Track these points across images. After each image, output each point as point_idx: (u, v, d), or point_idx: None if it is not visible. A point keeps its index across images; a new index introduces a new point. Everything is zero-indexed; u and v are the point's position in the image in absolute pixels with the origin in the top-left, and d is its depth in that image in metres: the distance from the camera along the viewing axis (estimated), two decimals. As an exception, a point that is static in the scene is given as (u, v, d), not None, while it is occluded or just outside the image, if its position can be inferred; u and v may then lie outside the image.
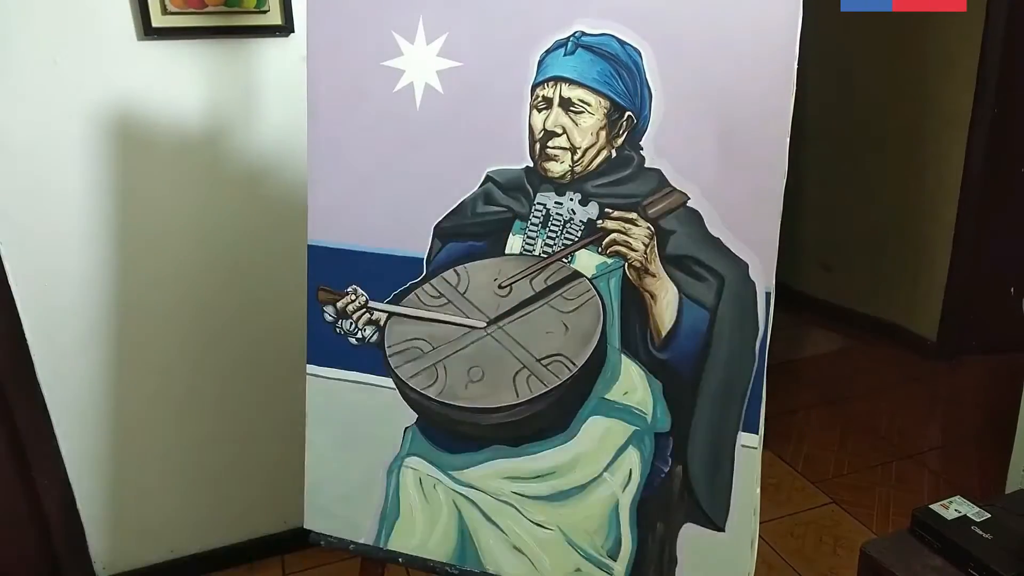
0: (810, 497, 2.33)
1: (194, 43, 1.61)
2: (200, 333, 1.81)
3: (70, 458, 1.80)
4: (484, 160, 1.08)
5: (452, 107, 1.06)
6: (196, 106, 1.65)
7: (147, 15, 1.55)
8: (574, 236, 1.06)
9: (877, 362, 3.22)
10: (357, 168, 1.15)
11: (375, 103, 1.08)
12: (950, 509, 1.18)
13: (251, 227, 1.77)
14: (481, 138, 1.07)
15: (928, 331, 3.19)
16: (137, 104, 1.62)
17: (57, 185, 1.62)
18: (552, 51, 1.03)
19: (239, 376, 1.84)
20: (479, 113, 1.06)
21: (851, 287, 3.52)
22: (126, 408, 1.80)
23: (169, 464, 1.86)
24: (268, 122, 1.71)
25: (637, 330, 1.06)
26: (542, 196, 1.06)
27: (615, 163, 1.04)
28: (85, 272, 1.69)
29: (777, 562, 2.05)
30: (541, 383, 1.08)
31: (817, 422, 2.74)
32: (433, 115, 1.07)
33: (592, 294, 1.07)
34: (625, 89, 1.02)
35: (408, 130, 1.10)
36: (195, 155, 1.69)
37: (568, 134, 1.04)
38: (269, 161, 1.73)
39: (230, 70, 1.66)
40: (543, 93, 1.04)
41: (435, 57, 1.05)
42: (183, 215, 1.72)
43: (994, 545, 1.11)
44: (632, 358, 1.07)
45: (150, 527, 1.91)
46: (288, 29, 1.65)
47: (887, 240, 3.33)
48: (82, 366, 1.75)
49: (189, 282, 1.77)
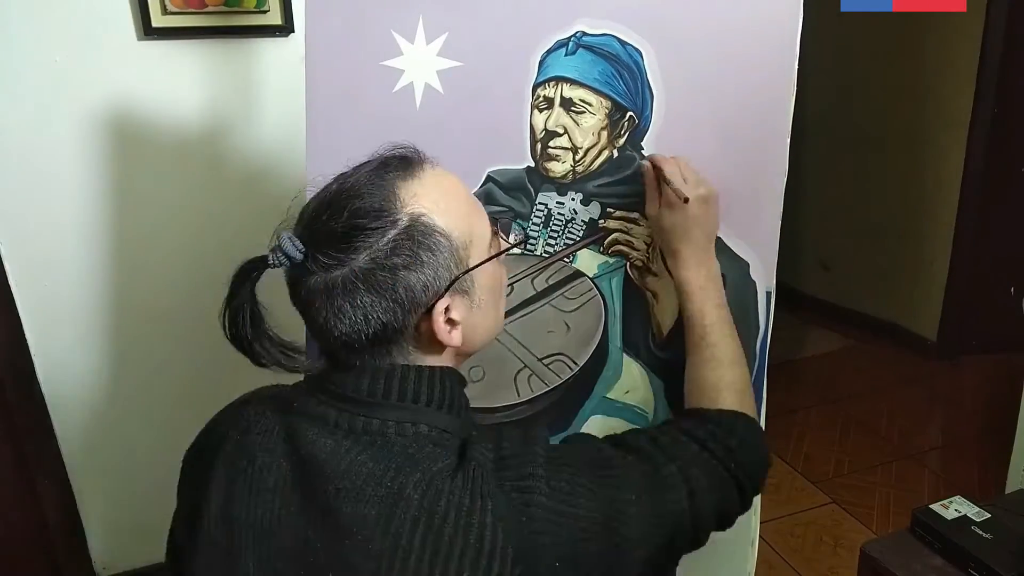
0: (810, 497, 2.34)
1: (194, 43, 1.61)
2: (200, 333, 1.81)
3: (70, 458, 1.80)
4: (485, 160, 1.08)
5: (452, 107, 1.06)
6: (196, 106, 1.65)
7: (147, 15, 1.55)
8: (576, 236, 1.06)
9: (877, 362, 3.22)
10: (357, 168, 1.15)
11: (375, 103, 1.08)
12: (950, 509, 1.18)
13: (251, 227, 1.76)
14: (482, 138, 1.07)
15: (928, 331, 3.19)
16: (137, 104, 1.62)
17: (57, 185, 1.62)
18: (553, 51, 1.03)
19: (239, 376, 1.84)
20: (480, 113, 1.06)
21: (851, 287, 3.52)
22: (126, 408, 1.80)
23: (169, 464, 1.86)
24: (268, 122, 1.71)
25: (639, 329, 1.06)
26: (543, 196, 1.06)
27: (616, 163, 1.04)
28: (85, 272, 1.69)
29: (777, 562, 2.05)
30: (542, 382, 1.08)
31: (817, 422, 2.74)
32: (433, 115, 1.07)
33: (594, 293, 1.07)
34: (626, 89, 1.02)
35: (408, 130, 1.09)
36: (195, 155, 1.69)
37: (569, 134, 1.04)
38: (269, 161, 1.73)
39: (230, 70, 1.66)
40: (544, 93, 1.04)
41: (435, 57, 1.05)
42: (183, 215, 1.72)
43: (994, 545, 1.11)
44: (634, 357, 1.07)
45: (150, 527, 1.90)
46: (288, 29, 1.65)
47: (887, 240, 3.33)
48: (82, 366, 1.75)
49: (189, 282, 1.77)
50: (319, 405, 0.72)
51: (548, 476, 0.68)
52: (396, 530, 0.65)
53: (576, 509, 0.67)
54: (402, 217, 0.68)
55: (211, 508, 0.74)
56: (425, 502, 0.65)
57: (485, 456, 0.68)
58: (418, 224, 0.68)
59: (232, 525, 0.72)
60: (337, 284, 0.67)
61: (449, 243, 0.70)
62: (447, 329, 0.71)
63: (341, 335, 0.69)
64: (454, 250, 0.70)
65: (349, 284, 0.67)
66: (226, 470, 0.74)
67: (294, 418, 0.73)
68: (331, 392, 0.72)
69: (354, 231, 0.67)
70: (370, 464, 0.68)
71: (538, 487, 0.67)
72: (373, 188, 0.69)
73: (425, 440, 0.69)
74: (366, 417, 0.70)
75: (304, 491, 0.70)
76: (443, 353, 0.74)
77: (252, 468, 0.72)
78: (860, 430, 2.69)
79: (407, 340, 0.71)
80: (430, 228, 0.69)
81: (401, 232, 0.68)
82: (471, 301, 0.73)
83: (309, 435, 0.71)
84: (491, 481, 0.67)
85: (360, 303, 0.67)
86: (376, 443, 0.69)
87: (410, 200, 0.69)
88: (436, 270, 0.69)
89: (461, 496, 0.65)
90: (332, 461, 0.69)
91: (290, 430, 0.73)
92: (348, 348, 0.70)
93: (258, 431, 0.75)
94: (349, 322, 0.68)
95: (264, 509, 0.71)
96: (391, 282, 0.67)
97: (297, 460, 0.71)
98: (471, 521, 0.64)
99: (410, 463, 0.67)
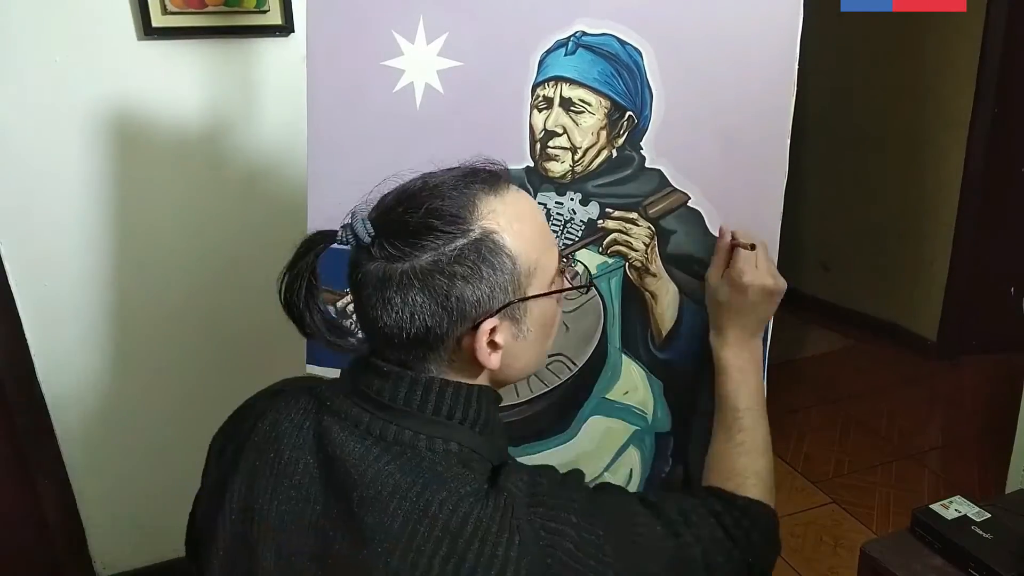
0: (810, 497, 2.34)
1: (194, 43, 1.61)
2: (200, 333, 1.81)
3: (70, 458, 1.80)
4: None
5: (452, 107, 1.06)
6: (196, 106, 1.65)
7: (147, 15, 1.55)
8: (575, 236, 1.06)
9: (877, 362, 3.22)
10: (357, 168, 1.15)
11: (375, 103, 1.08)
12: (950, 509, 1.18)
13: (251, 227, 1.77)
14: (482, 138, 1.07)
15: (928, 331, 3.19)
16: (137, 104, 1.62)
17: (57, 184, 1.62)
18: (553, 51, 1.03)
19: (239, 376, 1.84)
20: (479, 113, 1.06)
21: (851, 287, 3.52)
22: (126, 408, 1.80)
23: (169, 463, 1.86)
24: (268, 122, 1.71)
25: (638, 330, 1.06)
26: (543, 196, 1.06)
27: (616, 163, 1.04)
28: (85, 272, 1.69)
29: (777, 562, 2.05)
30: (541, 383, 1.08)
31: (817, 422, 2.74)
32: (433, 115, 1.07)
33: (593, 294, 1.07)
34: (626, 89, 1.02)
35: (408, 130, 1.10)
36: (195, 155, 1.69)
37: (569, 134, 1.04)
38: (269, 161, 1.73)
39: (230, 70, 1.66)
40: (544, 93, 1.04)
41: (435, 57, 1.05)
42: (183, 215, 1.72)
43: (994, 545, 1.11)
44: (633, 358, 1.07)
45: (150, 527, 1.91)
46: (288, 29, 1.65)
47: (887, 240, 3.33)
48: (82, 366, 1.75)
49: (189, 282, 1.77)
50: (353, 407, 0.72)
51: (579, 525, 0.67)
52: (418, 547, 0.64)
53: (600, 566, 0.67)
54: (475, 229, 0.68)
55: (234, 496, 0.74)
56: (451, 524, 0.64)
57: (519, 489, 0.68)
58: (488, 240, 0.68)
59: (253, 515, 0.72)
60: (394, 276, 0.67)
61: (513, 266, 0.69)
62: (488, 350, 0.71)
63: (384, 326, 0.69)
64: (516, 275, 0.70)
65: (406, 279, 0.67)
66: (252, 459, 0.74)
67: (326, 415, 0.73)
68: (366, 396, 0.72)
69: (426, 230, 0.67)
70: (397, 475, 0.67)
71: (568, 533, 0.66)
72: (455, 193, 0.69)
73: (454, 459, 0.69)
74: (398, 426, 0.70)
75: (329, 491, 0.70)
76: (478, 376, 0.74)
77: (279, 461, 0.73)
78: (860, 430, 2.69)
79: (445, 351, 0.71)
80: (498, 246, 0.68)
81: (470, 243, 0.67)
82: (519, 330, 0.73)
83: (339, 436, 0.71)
84: (522, 516, 0.66)
85: (411, 300, 0.67)
86: (405, 454, 0.69)
87: (487, 214, 0.69)
88: (493, 289, 0.68)
89: (489, 524, 0.65)
90: (360, 466, 0.68)
91: (320, 427, 0.73)
92: (387, 341, 0.70)
93: (288, 423, 0.75)
94: (395, 316, 0.68)
95: (286, 504, 0.71)
96: (446, 288, 0.67)
97: (324, 459, 0.71)
98: (495, 552, 0.64)
99: (437, 480, 0.67)
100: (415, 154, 1.13)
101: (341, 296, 1.18)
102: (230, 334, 1.82)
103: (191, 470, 2.05)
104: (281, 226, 1.77)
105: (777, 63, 0.98)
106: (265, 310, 1.81)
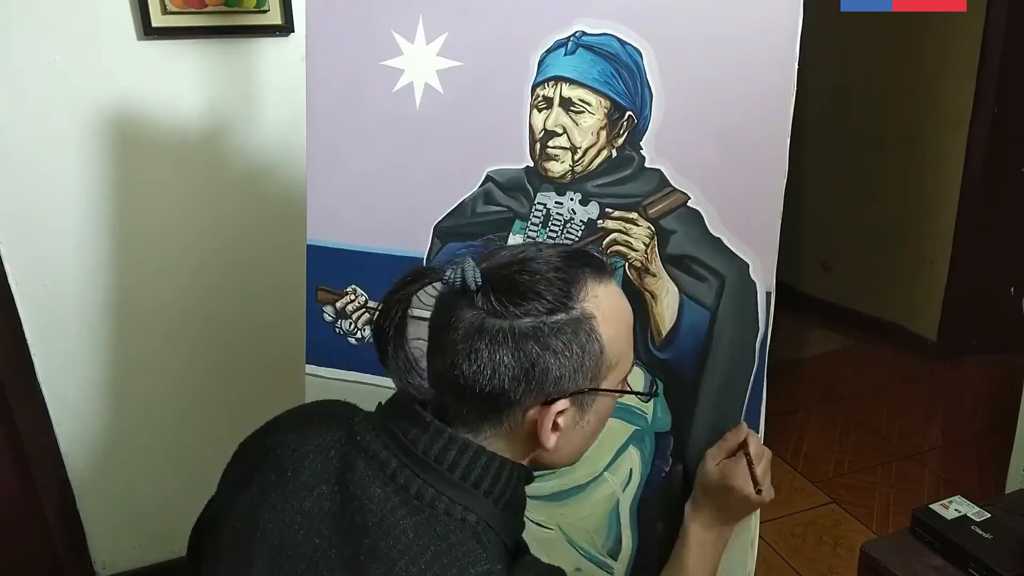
0: (810, 497, 2.34)
1: (194, 43, 1.61)
2: (200, 333, 1.81)
3: (70, 458, 1.80)
4: (484, 160, 1.08)
5: (452, 107, 1.06)
6: (196, 106, 1.65)
7: (147, 15, 1.55)
8: (574, 236, 1.06)
9: (877, 362, 3.22)
10: (357, 168, 1.15)
11: (375, 103, 1.08)
12: (950, 509, 1.18)
13: (251, 227, 1.77)
14: (481, 138, 1.07)
15: (928, 331, 3.19)
16: (137, 104, 1.62)
17: (57, 184, 1.62)
18: (552, 51, 1.03)
19: (239, 376, 1.84)
20: (479, 113, 1.06)
21: (851, 287, 3.52)
22: (126, 408, 1.80)
23: (169, 464, 1.86)
24: (268, 122, 1.71)
25: (637, 330, 1.06)
26: (542, 196, 1.06)
27: (615, 163, 1.04)
28: (85, 272, 1.69)
29: (777, 562, 2.05)
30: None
31: (817, 422, 2.74)
32: (433, 115, 1.07)
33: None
34: (625, 89, 1.02)
35: (408, 130, 1.10)
36: (195, 155, 1.69)
37: (568, 134, 1.04)
38: (269, 161, 1.73)
39: (230, 70, 1.66)
40: (543, 93, 1.04)
41: (435, 57, 1.05)
42: (183, 215, 1.72)
43: (994, 545, 1.11)
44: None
45: (150, 527, 1.91)
46: (288, 29, 1.65)
47: (887, 240, 3.33)
48: (82, 366, 1.75)
49: (189, 282, 1.77)
50: (383, 449, 0.72)
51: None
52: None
53: None
54: (577, 308, 0.69)
55: (244, 505, 0.74)
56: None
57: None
58: (587, 322, 0.69)
59: (256, 528, 0.71)
60: (490, 330, 0.67)
61: (600, 355, 0.70)
62: (550, 428, 0.71)
63: (460, 375, 0.68)
64: (600, 364, 0.70)
65: (501, 336, 0.67)
66: (270, 474, 0.74)
67: (354, 449, 0.73)
68: (399, 441, 0.72)
69: (534, 295, 0.67)
70: (411, 535, 0.67)
71: None
72: (568, 270, 0.70)
73: (469, 531, 0.68)
74: (423, 481, 0.69)
75: (337, 530, 0.69)
76: (523, 453, 0.74)
77: (296, 482, 0.72)
78: (860, 430, 2.69)
79: (508, 418, 0.70)
80: (595, 332, 0.69)
81: (570, 320, 0.68)
82: (581, 417, 0.73)
83: (364, 475, 0.70)
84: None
85: (498, 358, 0.67)
86: (423, 512, 0.68)
87: (590, 299, 0.70)
88: (576, 371, 0.69)
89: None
90: (377, 514, 0.68)
91: (345, 460, 0.72)
92: (455, 390, 0.69)
93: (313, 447, 0.74)
94: (477, 368, 0.67)
95: (290, 528, 0.70)
96: (535, 357, 0.67)
97: (343, 494, 0.70)
98: None
99: (449, 554, 0.66)
100: (415, 154, 1.14)
101: (340, 296, 1.18)
102: (230, 333, 1.82)
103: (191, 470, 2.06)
104: (281, 225, 1.77)
105: (777, 63, 0.98)
106: (265, 309, 1.82)
